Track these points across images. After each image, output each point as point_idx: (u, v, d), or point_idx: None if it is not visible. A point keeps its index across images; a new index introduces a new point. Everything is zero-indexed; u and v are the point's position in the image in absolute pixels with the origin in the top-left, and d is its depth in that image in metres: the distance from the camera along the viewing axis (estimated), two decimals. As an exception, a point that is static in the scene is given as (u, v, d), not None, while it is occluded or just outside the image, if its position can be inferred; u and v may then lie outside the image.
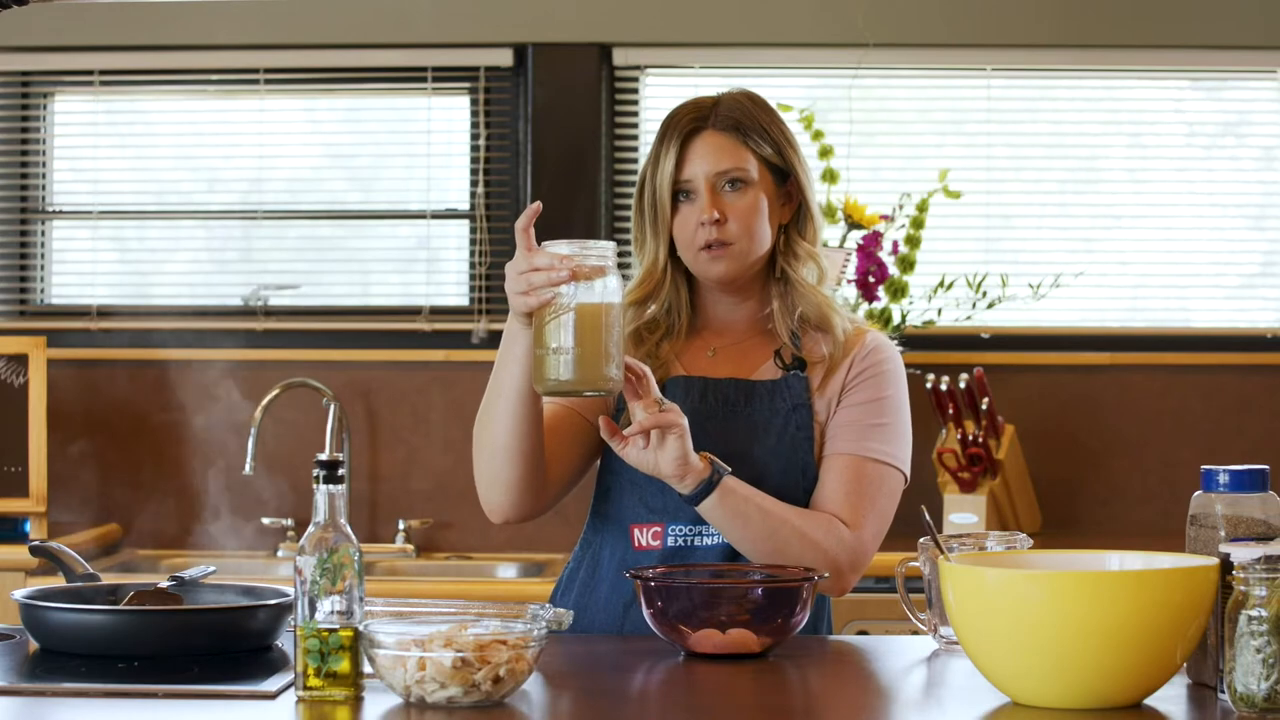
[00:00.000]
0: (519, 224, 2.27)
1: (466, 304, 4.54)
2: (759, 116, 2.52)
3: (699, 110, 2.52)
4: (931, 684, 2.18)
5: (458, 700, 1.94)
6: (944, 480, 4.17)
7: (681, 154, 2.49)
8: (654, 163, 2.51)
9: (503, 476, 2.43)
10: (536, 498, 2.47)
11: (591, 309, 2.22)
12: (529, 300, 2.23)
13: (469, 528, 4.38)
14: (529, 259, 2.24)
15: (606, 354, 2.23)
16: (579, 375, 2.23)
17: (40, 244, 4.61)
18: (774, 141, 2.52)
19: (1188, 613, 1.91)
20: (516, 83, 4.50)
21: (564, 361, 2.22)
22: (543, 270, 2.22)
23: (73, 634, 2.21)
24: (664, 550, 2.47)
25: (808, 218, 2.56)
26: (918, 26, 4.43)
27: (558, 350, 2.23)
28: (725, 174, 2.49)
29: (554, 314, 2.22)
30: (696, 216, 2.48)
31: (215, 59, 4.54)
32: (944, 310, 4.29)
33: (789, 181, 2.54)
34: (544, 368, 2.24)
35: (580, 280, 2.22)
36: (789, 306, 2.54)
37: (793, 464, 2.45)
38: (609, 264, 2.24)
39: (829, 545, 2.41)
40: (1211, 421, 4.41)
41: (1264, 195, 4.54)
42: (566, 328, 2.22)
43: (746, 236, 2.49)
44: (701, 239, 2.48)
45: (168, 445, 4.36)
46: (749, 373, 2.53)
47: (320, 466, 2.01)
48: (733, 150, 2.49)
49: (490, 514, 2.49)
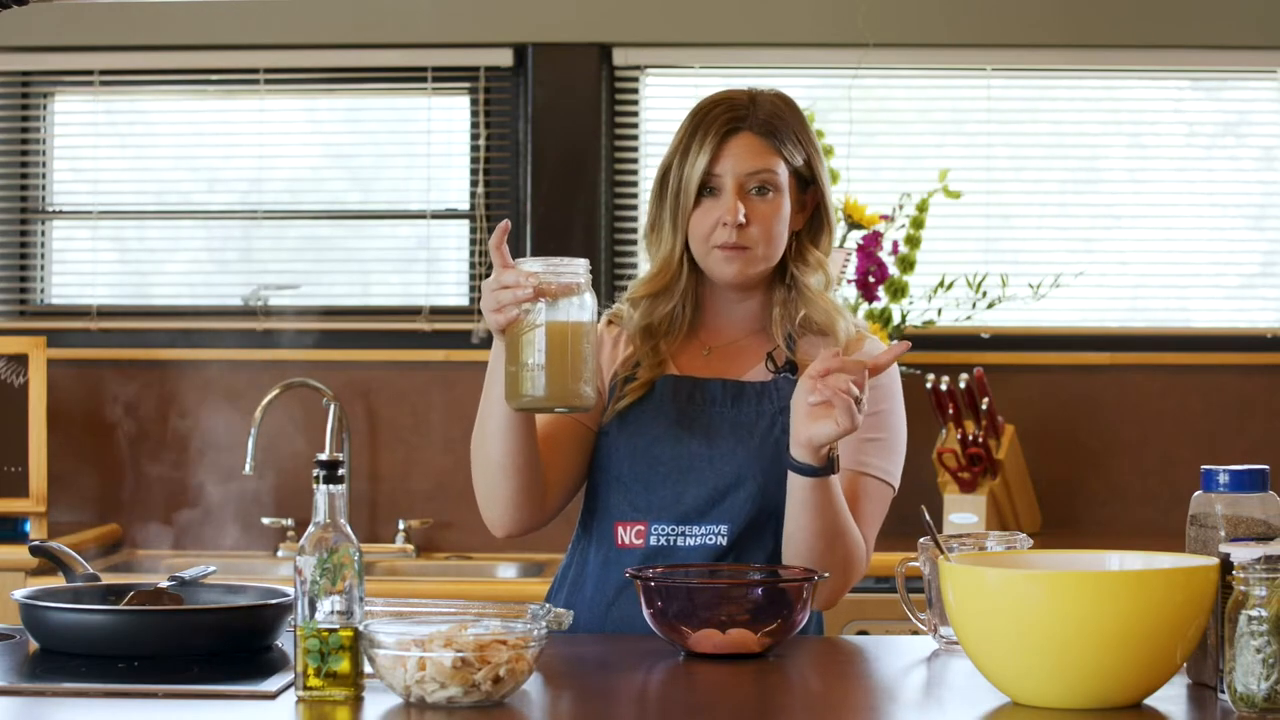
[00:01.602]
0: (491, 242, 2.30)
1: (466, 304, 4.54)
2: (793, 124, 2.52)
3: (736, 108, 2.50)
4: (931, 684, 2.18)
5: (458, 700, 1.94)
6: (944, 480, 4.17)
7: (717, 150, 2.48)
8: (684, 153, 2.49)
9: (501, 491, 2.44)
10: (538, 509, 2.48)
11: (560, 326, 2.25)
12: (498, 319, 2.26)
13: (469, 528, 4.38)
14: (499, 276, 2.26)
15: (576, 370, 2.26)
16: (549, 392, 2.25)
17: (40, 244, 4.61)
18: (805, 150, 2.53)
19: (1188, 613, 1.91)
20: (516, 83, 4.50)
21: (535, 378, 2.25)
22: (510, 288, 2.24)
23: (73, 634, 2.21)
24: (646, 549, 2.47)
25: (823, 226, 2.57)
26: (918, 26, 4.43)
27: (528, 367, 2.26)
28: (756, 175, 2.48)
29: (524, 330, 2.25)
30: (718, 214, 2.47)
31: (215, 59, 4.54)
32: (944, 310, 4.29)
33: (809, 190, 2.55)
34: (516, 384, 2.27)
35: (549, 297, 2.24)
36: (792, 310, 2.54)
37: (775, 466, 2.45)
38: (580, 281, 2.27)
39: (858, 561, 2.43)
40: (1211, 421, 4.41)
41: (1264, 195, 4.54)
42: (536, 345, 2.25)
43: (765, 242, 2.49)
44: (721, 238, 2.48)
45: (168, 445, 4.36)
46: (740, 374, 2.53)
47: (320, 466, 2.01)
48: (766, 155, 2.49)
49: (493, 529, 2.50)
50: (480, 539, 4.35)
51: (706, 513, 2.46)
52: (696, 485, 2.45)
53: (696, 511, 2.46)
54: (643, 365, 2.52)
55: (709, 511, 2.46)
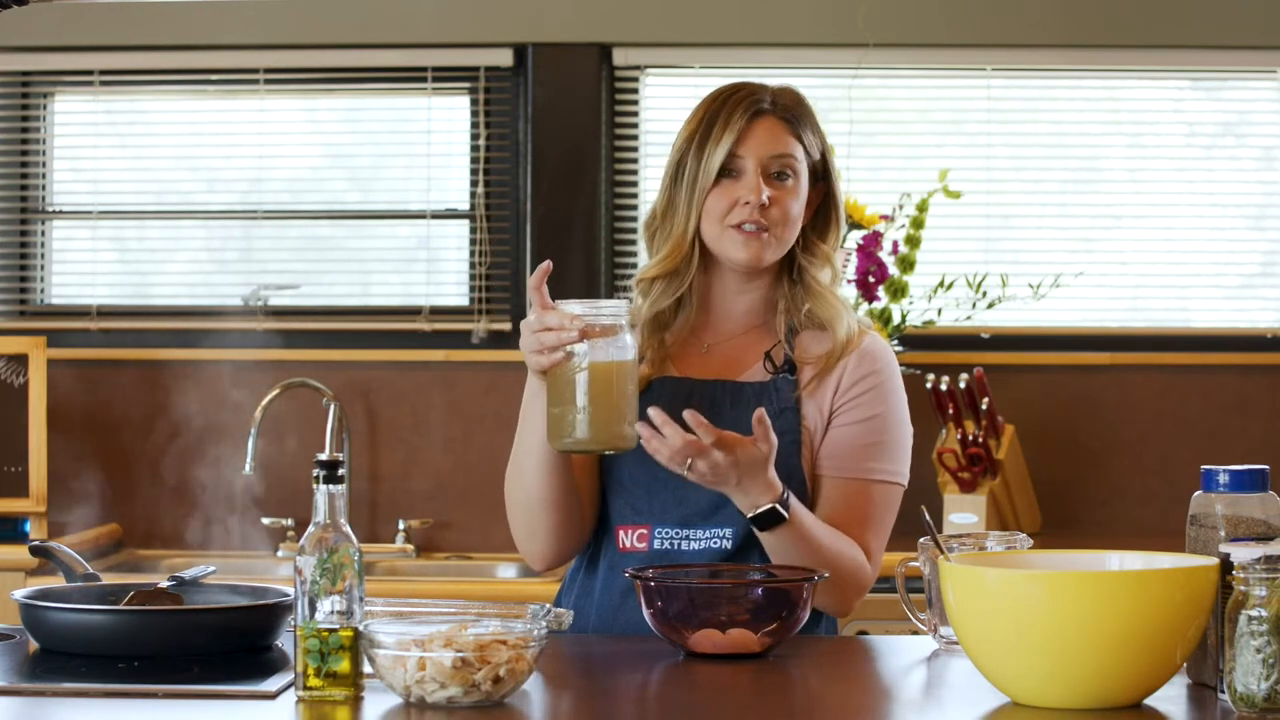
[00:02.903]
0: (531, 283, 2.31)
1: (466, 304, 4.54)
2: (811, 117, 2.55)
3: (758, 93, 2.52)
4: (931, 684, 2.18)
5: (458, 700, 1.94)
6: (944, 480, 4.17)
7: (744, 131, 2.48)
8: (704, 134, 2.49)
9: (542, 526, 2.46)
10: (578, 536, 2.51)
11: (604, 368, 2.25)
12: (540, 360, 2.27)
13: (469, 528, 4.38)
14: (541, 318, 2.26)
15: (620, 412, 2.27)
16: (593, 434, 2.27)
17: (40, 244, 4.61)
18: (821, 144, 2.55)
19: (1188, 613, 1.91)
20: (516, 83, 4.50)
21: (578, 421, 2.26)
22: (554, 330, 2.24)
23: (73, 634, 2.21)
24: (650, 553, 2.47)
25: (831, 222, 2.57)
26: (918, 26, 4.42)
27: (572, 409, 2.27)
28: (779, 159, 2.49)
29: (567, 373, 2.26)
30: (738, 194, 2.47)
31: (215, 59, 4.54)
32: (944, 310, 4.29)
33: (817, 185, 2.55)
34: (559, 427, 2.28)
35: (592, 339, 2.24)
36: (796, 304, 2.54)
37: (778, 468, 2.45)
38: (622, 323, 2.28)
39: (856, 576, 2.44)
40: (1211, 421, 4.41)
41: (1264, 195, 4.53)
42: (580, 387, 2.26)
43: (783, 225, 2.49)
44: (741, 216, 2.47)
45: (168, 445, 4.36)
46: (738, 374, 2.53)
47: (320, 466, 2.01)
48: (789, 140, 2.50)
49: (534, 563, 2.52)
50: (480, 539, 4.36)
51: (710, 515, 2.46)
52: (698, 488, 2.44)
53: (699, 514, 2.46)
54: (645, 360, 2.52)
55: (712, 514, 2.46)
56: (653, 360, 2.52)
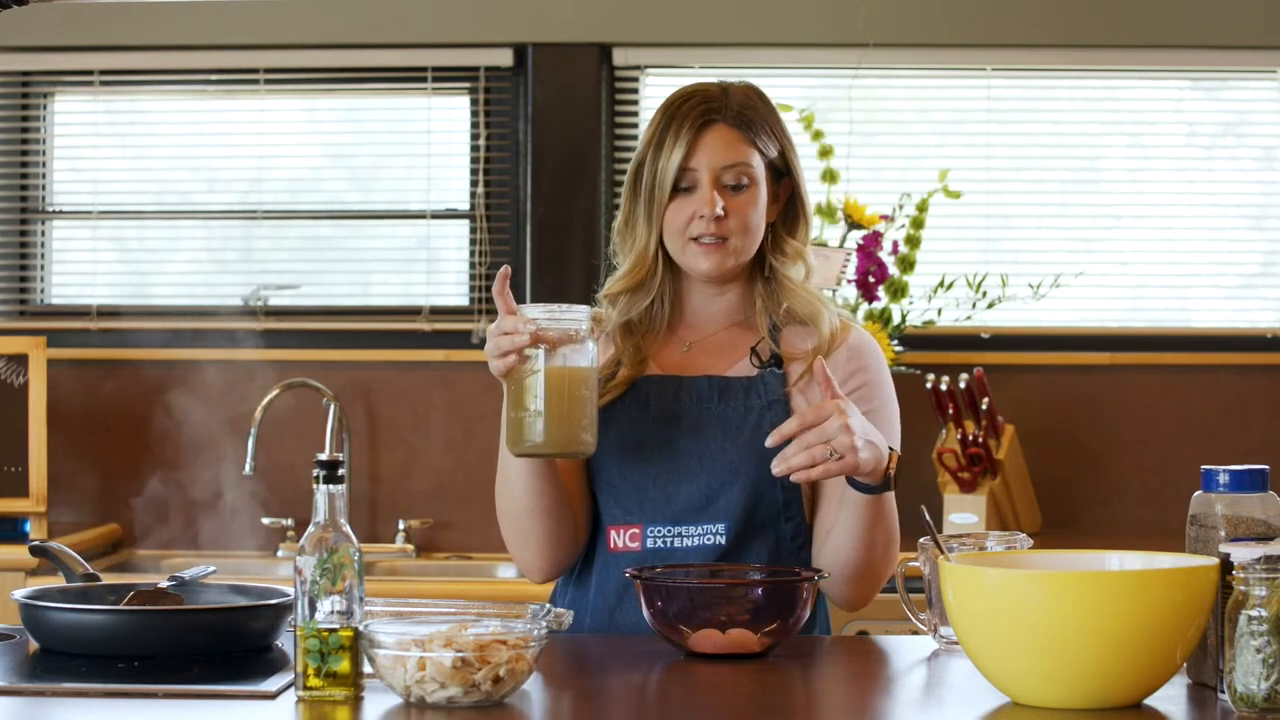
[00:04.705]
0: (494, 289, 2.31)
1: (466, 304, 4.54)
2: (767, 115, 2.52)
3: (709, 100, 2.49)
4: (931, 684, 2.18)
5: (458, 700, 1.94)
6: (944, 480, 4.17)
7: (692, 143, 2.47)
8: (657, 147, 2.48)
9: (533, 535, 2.45)
10: (571, 546, 2.49)
11: (559, 372, 2.25)
12: (498, 364, 2.27)
13: (469, 528, 4.38)
14: (499, 323, 2.27)
15: (575, 417, 2.27)
16: (549, 439, 2.27)
17: (40, 244, 4.61)
18: (778, 141, 2.52)
19: (1188, 613, 1.91)
20: (516, 83, 4.50)
21: (534, 425, 2.27)
22: (509, 334, 2.24)
23: (73, 634, 2.21)
24: (642, 552, 2.46)
25: (798, 217, 2.55)
26: (918, 26, 4.43)
27: (528, 413, 2.27)
28: (731, 169, 2.47)
29: (523, 376, 2.26)
30: (694, 208, 2.46)
31: (215, 59, 4.54)
32: (944, 310, 4.29)
33: (782, 181, 2.54)
34: (516, 431, 2.29)
35: (548, 345, 2.24)
36: (774, 302, 2.54)
37: (767, 460, 2.44)
38: (581, 328, 2.27)
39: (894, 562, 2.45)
40: (1211, 421, 4.41)
41: (1264, 195, 4.54)
42: (535, 392, 2.26)
43: (742, 234, 2.48)
44: (698, 230, 2.47)
45: (168, 445, 4.36)
46: (724, 369, 2.52)
47: (320, 466, 2.01)
48: (741, 147, 2.48)
49: (529, 575, 2.51)
50: (480, 539, 4.36)
51: (701, 511, 2.45)
52: (688, 484, 2.44)
53: (690, 511, 2.45)
54: (624, 363, 2.51)
55: (704, 510, 2.45)
56: (631, 362, 2.51)
